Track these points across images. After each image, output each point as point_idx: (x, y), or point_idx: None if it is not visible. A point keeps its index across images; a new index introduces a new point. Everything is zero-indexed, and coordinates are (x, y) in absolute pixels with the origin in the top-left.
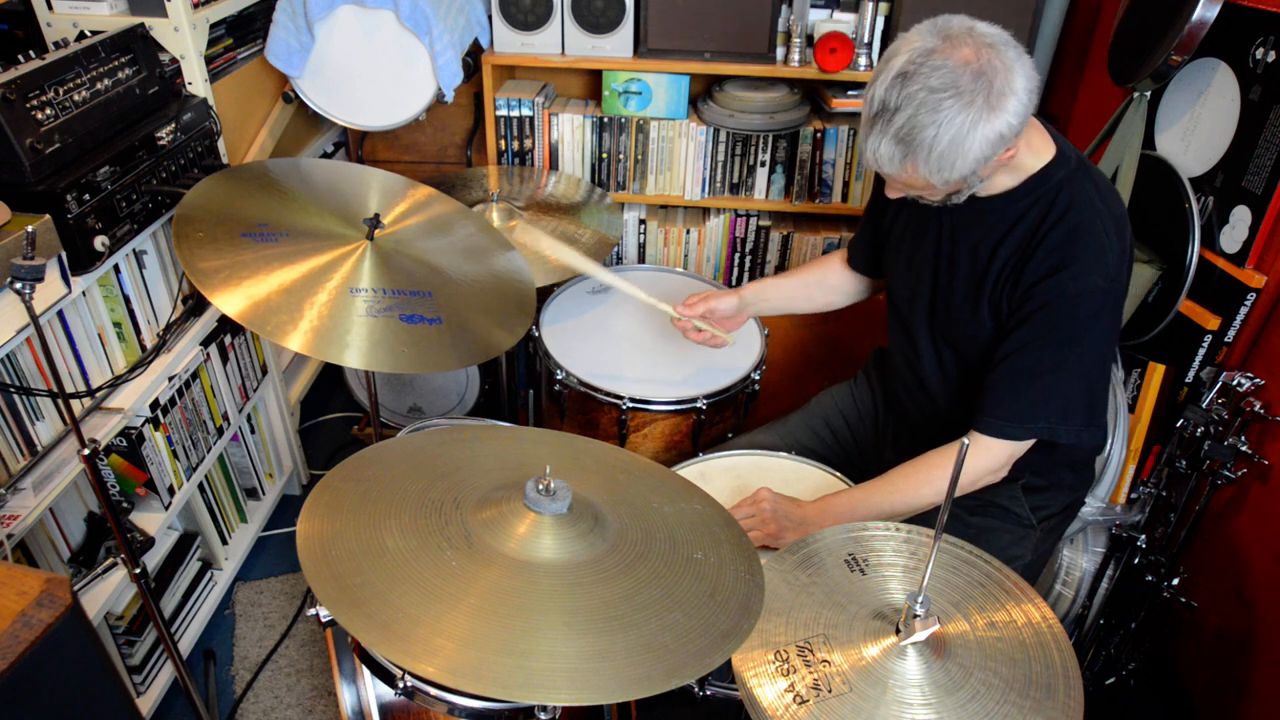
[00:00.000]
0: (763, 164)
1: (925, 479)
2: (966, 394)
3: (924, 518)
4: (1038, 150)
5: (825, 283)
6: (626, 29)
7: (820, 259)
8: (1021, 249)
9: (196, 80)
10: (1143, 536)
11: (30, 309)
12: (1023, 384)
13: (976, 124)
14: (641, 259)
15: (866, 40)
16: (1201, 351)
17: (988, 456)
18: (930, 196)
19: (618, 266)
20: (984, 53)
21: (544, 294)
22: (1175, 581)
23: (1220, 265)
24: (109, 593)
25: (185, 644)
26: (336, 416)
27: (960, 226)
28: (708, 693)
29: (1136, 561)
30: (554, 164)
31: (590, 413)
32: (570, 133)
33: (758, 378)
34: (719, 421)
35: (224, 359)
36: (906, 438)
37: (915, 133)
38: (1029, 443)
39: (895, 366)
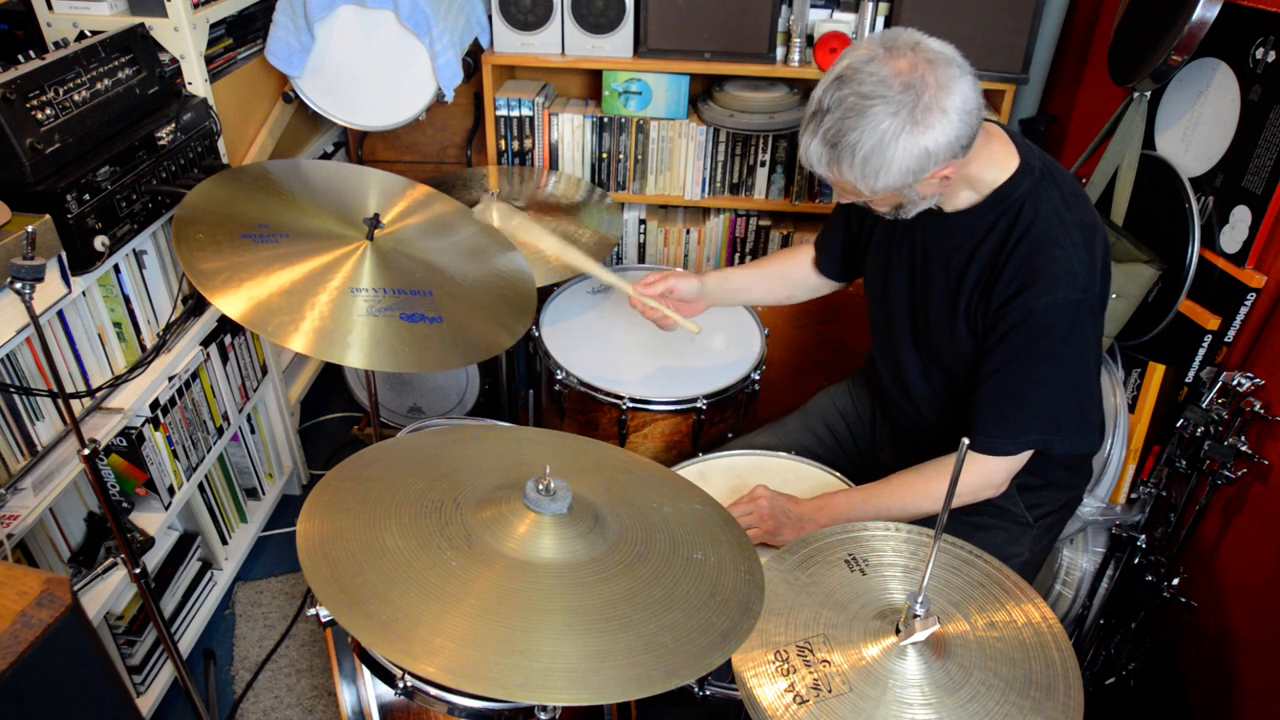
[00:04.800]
0: (763, 164)
1: (924, 490)
2: (954, 407)
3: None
4: (1000, 164)
5: (788, 278)
6: (626, 29)
7: (785, 252)
8: (989, 266)
9: (196, 80)
10: (1143, 536)
11: (30, 309)
12: (1007, 402)
13: (899, 135)
14: (641, 259)
15: None
16: (1201, 351)
17: (984, 473)
18: (877, 208)
19: (617, 266)
20: (920, 67)
21: (544, 294)
22: (1175, 581)
23: (1220, 265)
24: (109, 593)
25: (185, 644)
26: (336, 416)
27: (930, 241)
28: (708, 693)
29: (1136, 561)
30: (554, 164)
31: (590, 413)
32: (570, 133)
33: (758, 378)
34: (719, 421)
35: (224, 359)
36: (902, 439)
37: (841, 135)
38: (1026, 456)
39: (881, 378)
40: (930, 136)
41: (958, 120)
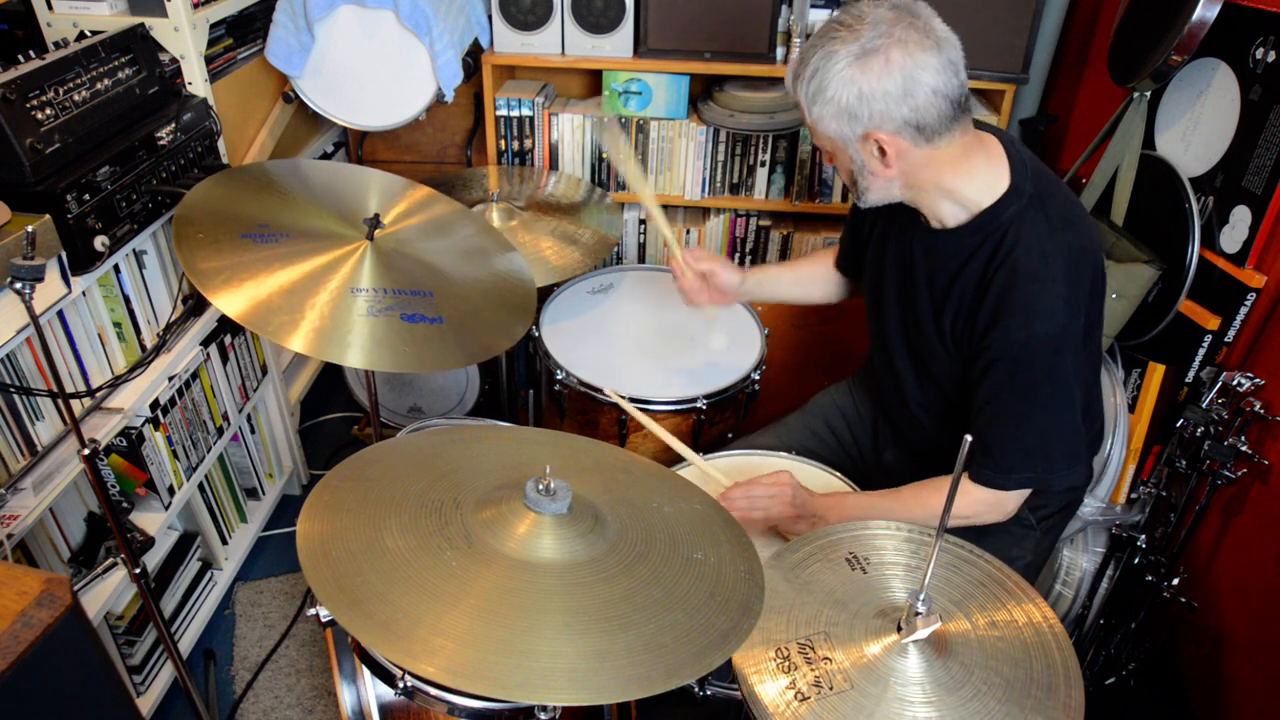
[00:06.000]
0: (763, 164)
1: (936, 506)
2: (950, 417)
3: None
4: (986, 183)
5: (819, 277)
6: (626, 29)
7: (815, 255)
8: (973, 291)
9: (196, 80)
10: (1143, 536)
11: (30, 309)
12: (998, 438)
13: (840, 63)
14: (641, 259)
15: None
16: (1201, 351)
17: (994, 500)
18: (839, 169)
19: (617, 266)
20: (901, 22)
21: (544, 294)
22: (1175, 581)
23: (1220, 265)
24: (109, 593)
25: (185, 644)
26: (336, 416)
27: (918, 256)
28: (708, 692)
29: (1136, 561)
30: (554, 164)
31: (590, 413)
32: (570, 133)
33: (758, 378)
34: (719, 421)
35: (224, 359)
36: (903, 442)
37: (808, 50)
38: (1028, 490)
39: (880, 383)
40: (867, 80)
41: (901, 83)
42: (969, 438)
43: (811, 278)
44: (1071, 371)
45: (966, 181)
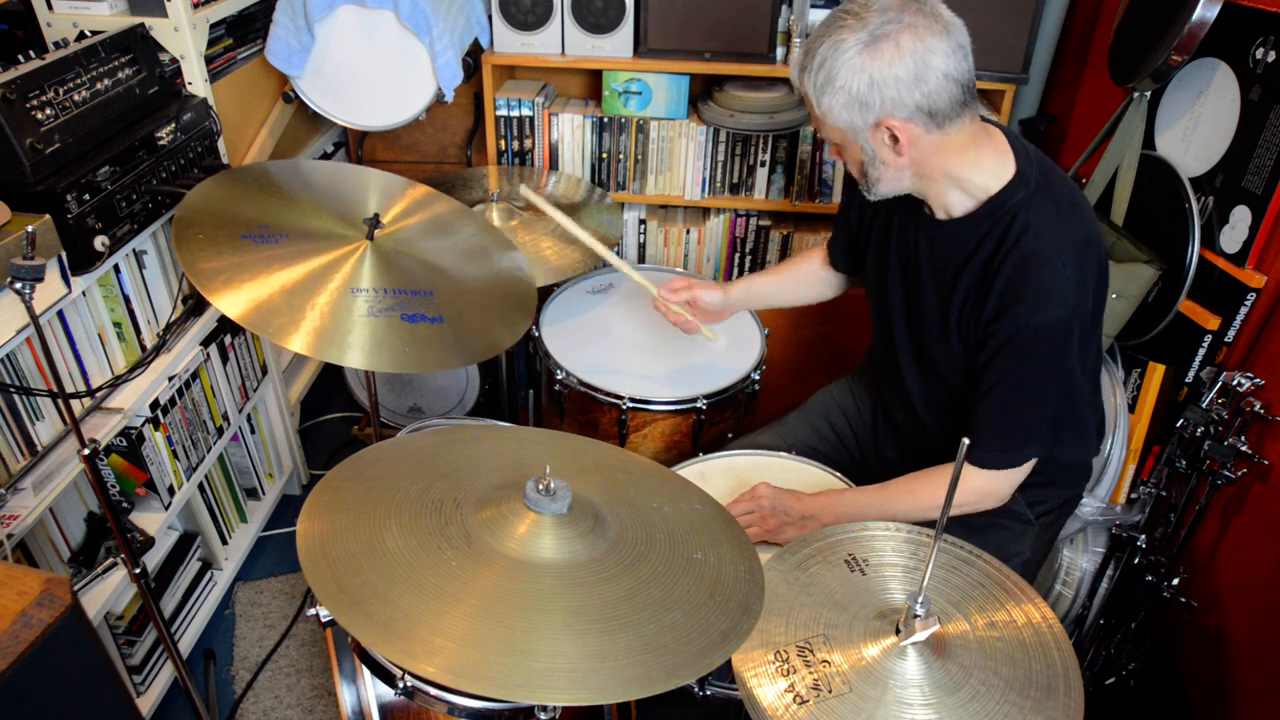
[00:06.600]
0: (763, 164)
1: (928, 496)
2: (953, 414)
3: None
4: (993, 171)
5: (811, 276)
6: (626, 29)
7: (799, 256)
8: (979, 279)
9: (196, 80)
10: (1143, 536)
11: (30, 309)
12: (1006, 418)
13: (847, 49)
14: (641, 259)
15: None
16: (1201, 351)
17: (988, 485)
18: (846, 162)
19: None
20: (909, 8)
21: (544, 294)
22: (1175, 581)
23: (1220, 265)
24: (109, 593)
25: (185, 644)
26: (336, 416)
27: (924, 248)
28: (708, 693)
29: (1136, 561)
30: (554, 164)
31: (590, 413)
32: (570, 133)
33: (758, 378)
34: (719, 421)
35: (224, 359)
36: (903, 440)
37: (814, 41)
38: (1029, 466)
39: (881, 381)
40: (878, 66)
41: (913, 68)
42: (966, 441)
43: (798, 280)
44: (1078, 354)
45: (975, 169)
